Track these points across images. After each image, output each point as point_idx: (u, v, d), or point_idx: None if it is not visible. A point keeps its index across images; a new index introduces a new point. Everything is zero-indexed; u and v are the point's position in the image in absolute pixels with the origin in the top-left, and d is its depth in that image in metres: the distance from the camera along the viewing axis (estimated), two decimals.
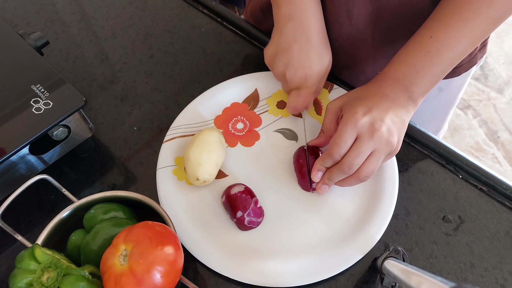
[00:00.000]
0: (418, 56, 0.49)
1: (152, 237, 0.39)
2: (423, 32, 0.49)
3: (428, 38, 0.48)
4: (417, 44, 0.49)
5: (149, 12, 0.75)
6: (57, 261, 0.39)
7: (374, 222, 0.50)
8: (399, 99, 0.49)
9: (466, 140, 1.67)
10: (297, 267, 0.48)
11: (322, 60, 0.55)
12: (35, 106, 0.49)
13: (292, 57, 0.54)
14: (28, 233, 0.53)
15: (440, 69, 0.49)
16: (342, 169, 0.47)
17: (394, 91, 0.49)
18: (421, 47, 0.49)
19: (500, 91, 1.78)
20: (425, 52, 0.48)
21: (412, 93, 0.49)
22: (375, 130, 0.46)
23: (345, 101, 0.50)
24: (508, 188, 0.53)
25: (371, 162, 0.47)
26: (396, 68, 0.50)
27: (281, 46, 0.55)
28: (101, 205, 0.46)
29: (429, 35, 0.49)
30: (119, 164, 0.58)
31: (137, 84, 0.66)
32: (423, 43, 0.49)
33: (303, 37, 0.54)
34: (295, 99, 0.57)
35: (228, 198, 0.51)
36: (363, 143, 0.46)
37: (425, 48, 0.48)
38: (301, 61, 0.54)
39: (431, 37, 0.48)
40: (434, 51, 0.48)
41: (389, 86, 0.49)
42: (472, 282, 0.48)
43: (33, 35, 0.57)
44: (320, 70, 0.55)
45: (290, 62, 0.55)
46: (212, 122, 0.60)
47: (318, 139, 0.54)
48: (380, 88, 0.50)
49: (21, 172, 0.52)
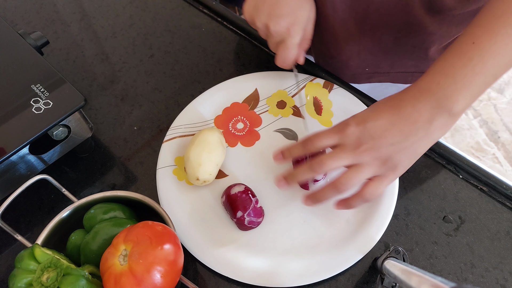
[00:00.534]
0: (458, 64, 0.41)
1: (152, 237, 0.39)
2: (464, 40, 0.42)
3: (470, 44, 0.41)
4: (457, 51, 0.42)
5: (149, 12, 0.75)
6: (57, 261, 0.39)
7: (374, 222, 0.50)
8: (419, 117, 0.41)
9: (466, 140, 1.66)
10: (297, 267, 0.48)
11: (303, 6, 0.54)
12: (35, 106, 0.49)
13: (272, 6, 0.53)
14: (28, 233, 0.53)
15: (483, 80, 0.41)
16: (311, 166, 0.44)
17: (417, 106, 0.42)
18: (461, 54, 0.41)
19: (500, 91, 1.78)
20: (466, 59, 0.41)
21: (445, 107, 0.41)
22: (359, 145, 0.42)
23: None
24: (509, 188, 0.53)
25: (353, 174, 0.43)
26: (430, 78, 0.42)
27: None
28: (101, 205, 0.46)
29: (471, 41, 0.41)
30: (119, 164, 0.58)
31: (137, 84, 0.66)
32: (464, 49, 0.41)
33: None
34: (282, 52, 0.54)
35: (228, 198, 0.51)
36: (342, 152, 0.43)
37: (466, 55, 0.41)
38: (282, 8, 0.53)
39: (473, 43, 0.41)
40: (477, 58, 0.40)
41: (412, 99, 0.42)
42: (473, 283, 0.48)
43: (33, 35, 0.57)
44: (302, 17, 0.54)
45: (271, 11, 0.53)
46: (212, 122, 0.60)
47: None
48: (400, 101, 0.43)
49: (21, 172, 0.52)
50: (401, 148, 0.42)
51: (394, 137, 0.42)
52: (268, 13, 0.53)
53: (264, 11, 0.53)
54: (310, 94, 0.61)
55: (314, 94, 0.61)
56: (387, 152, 0.42)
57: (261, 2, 0.54)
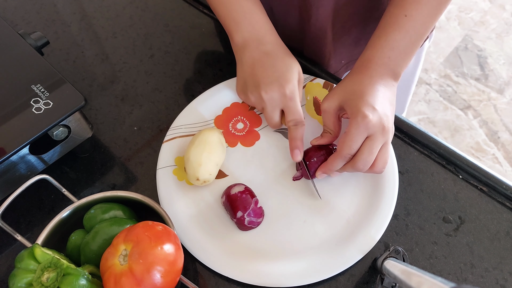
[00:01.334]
0: (399, 37, 0.50)
1: (152, 237, 0.39)
2: (397, 12, 0.50)
3: (403, 17, 0.50)
4: (394, 25, 0.50)
5: (149, 12, 0.75)
6: (57, 261, 0.39)
7: (374, 222, 0.50)
8: (388, 85, 0.50)
9: (466, 140, 1.66)
10: (297, 267, 0.48)
11: (289, 67, 0.53)
12: (35, 106, 0.49)
13: (260, 76, 0.52)
14: (28, 233, 0.53)
15: (417, 46, 0.52)
16: (357, 168, 0.48)
17: (383, 78, 0.50)
18: (399, 27, 0.50)
19: (500, 91, 1.78)
20: (404, 32, 0.50)
21: (397, 74, 0.51)
22: (385, 128, 0.47)
23: (342, 99, 0.50)
24: (509, 188, 0.53)
25: (384, 154, 0.49)
26: (380, 53, 0.51)
27: (247, 74, 0.54)
28: (101, 205, 0.46)
29: (403, 14, 0.50)
30: (119, 164, 0.58)
31: (137, 84, 0.66)
32: (400, 23, 0.50)
33: (263, 55, 0.54)
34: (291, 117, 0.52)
35: (228, 198, 0.51)
36: (376, 142, 0.47)
37: (403, 28, 0.50)
38: (270, 74, 0.52)
39: (405, 15, 0.50)
40: (412, 30, 0.50)
41: (378, 74, 0.50)
42: (472, 283, 0.48)
43: (33, 35, 0.57)
44: (291, 77, 0.52)
45: (260, 81, 0.52)
46: (212, 122, 0.60)
47: (324, 139, 0.53)
48: (370, 78, 0.50)
49: (21, 172, 0.52)
50: (392, 110, 0.50)
51: (388, 109, 0.49)
52: (258, 84, 0.52)
53: (254, 84, 0.53)
54: (310, 94, 0.61)
55: (314, 94, 0.61)
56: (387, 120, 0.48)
57: (249, 77, 0.54)
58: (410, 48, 0.51)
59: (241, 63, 0.55)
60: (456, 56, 1.88)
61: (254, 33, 0.55)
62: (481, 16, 2.01)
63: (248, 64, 0.54)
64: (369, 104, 0.47)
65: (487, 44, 1.91)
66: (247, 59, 0.54)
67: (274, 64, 0.53)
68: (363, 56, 0.52)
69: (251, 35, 0.55)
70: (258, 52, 0.54)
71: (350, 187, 0.54)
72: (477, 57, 1.88)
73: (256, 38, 0.55)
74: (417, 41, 0.52)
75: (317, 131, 0.58)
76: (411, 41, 0.51)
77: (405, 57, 0.51)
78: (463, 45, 1.91)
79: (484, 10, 2.04)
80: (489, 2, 2.06)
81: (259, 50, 0.54)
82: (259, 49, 0.54)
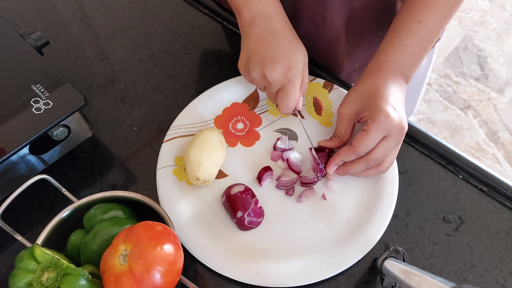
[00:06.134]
0: (411, 43, 0.52)
1: (152, 237, 0.39)
2: (410, 18, 0.52)
3: (416, 23, 0.51)
4: (407, 31, 0.52)
5: (149, 12, 0.75)
6: (57, 261, 0.39)
7: (374, 222, 0.50)
8: (400, 87, 0.52)
9: (466, 140, 1.66)
10: (297, 267, 0.48)
11: (296, 50, 0.53)
12: (35, 106, 0.49)
13: (264, 53, 0.52)
14: (28, 233, 0.53)
15: (428, 51, 0.54)
16: (368, 164, 0.49)
17: (397, 81, 0.51)
18: (412, 33, 0.52)
19: (500, 91, 1.78)
20: (416, 38, 0.51)
21: (408, 77, 0.53)
22: (403, 129, 0.49)
23: (359, 103, 0.51)
24: (508, 188, 0.53)
25: (393, 154, 0.51)
26: (393, 58, 0.52)
27: (251, 49, 0.53)
28: (101, 205, 0.46)
29: (417, 20, 0.51)
30: (119, 164, 0.58)
31: (137, 84, 0.66)
32: (413, 29, 0.51)
33: (269, 32, 0.53)
34: (284, 98, 0.53)
35: (228, 198, 0.51)
36: (392, 143, 0.49)
37: (415, 34, 0.51)
38: (275, 53, 0.52)
39: (419, 22, 0.51)
40: (424, 36, 0.52)
41: (392, 77, 0.51)
42: (472, 283, 0.48)
43: (33, 35, 0.57)
44: (297, 60, 0.53)
45: (264, 58, 0.52)
46: (212, 122, 0.60)
47: (331, 142, 0.54)
48: (384, 80, 0.51)
49: (21, 172, 0.52)
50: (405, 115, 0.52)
51: (404, 110, 0.51)
52: (262, 61, 0.52)
53: (257, 60, 0.52)
54: (310, 94, 0.61)
55: (314, 94, 0.61)
56: (405, 122, 0.50)
57: (253, 53, 0.53)
58: (422, 53, 0.53)
59: (248, 38, 0.54)
60: (456, 56, 1.88)
61: (263, 10, 0.54)
62: (481, 16, 2.01)
63: (254, 39, 0.53)
64: (390, 104, 0.48)
65: (487, 44, 1.91)
66: (253, 34, 0.54)
67: (280, 43, 0.53)
68: (375, 59, 0.53)
69: (260, 11, 0.54)
70: (266, 29, 0.53)
71: (350, 187, 0.54)
72: (477, 57, 1.88)
73: (264, 15, 0.54)
74: (428, 46, 0.53)
75: (317, 131, 0.58)
76: (422, 46, 0.52)
77: (417, 61, 0.53)
78: (463, 45, 1.91)
79: (484, 10, 2.03)
80: (489, 2, 2.06)
81: (267, 27, 0.53)
82: (266, 25, 0.53)
